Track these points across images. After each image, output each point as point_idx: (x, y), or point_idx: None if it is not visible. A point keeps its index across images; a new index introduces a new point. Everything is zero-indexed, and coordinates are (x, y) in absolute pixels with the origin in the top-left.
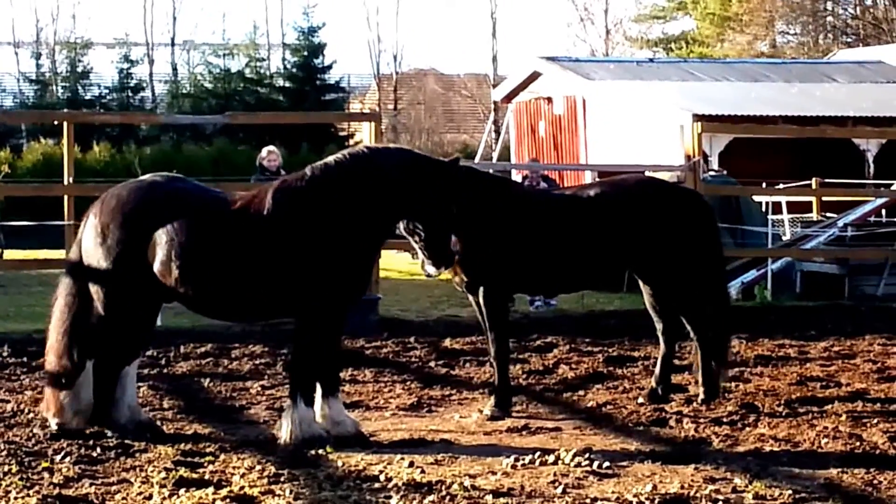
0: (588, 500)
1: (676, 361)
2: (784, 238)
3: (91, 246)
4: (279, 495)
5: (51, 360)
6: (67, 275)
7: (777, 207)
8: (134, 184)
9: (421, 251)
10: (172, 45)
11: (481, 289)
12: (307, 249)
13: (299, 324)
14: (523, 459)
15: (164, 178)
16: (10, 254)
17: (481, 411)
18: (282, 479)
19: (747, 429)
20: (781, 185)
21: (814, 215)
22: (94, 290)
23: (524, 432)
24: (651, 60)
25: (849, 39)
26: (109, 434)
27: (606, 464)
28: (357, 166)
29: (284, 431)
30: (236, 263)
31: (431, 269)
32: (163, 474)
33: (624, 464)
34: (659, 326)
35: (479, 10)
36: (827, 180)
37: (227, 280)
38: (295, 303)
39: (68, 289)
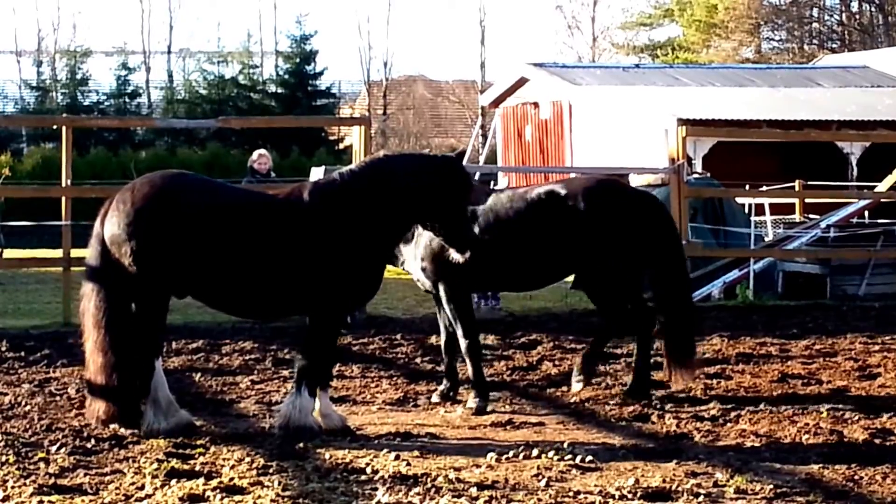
0: (571, 494)
1: (659, 359)
2: (767, 239)
3: (119, 232)
4: (268, 486)
5: (96, 360)
6: (93, 274)
7: (760, 209)
8: (164, 172)
9: (444, 243)
10: (169, 52)
11: (442, 286)
12: (334, 249)
13: (316, 319)
14: (507, 453)
15: (190, 173)
16: (9, 253)
17: (465, 405)
18: (270, 470)
19: (729, 425)
20: (765, 188)
21: (797, 217)
22: (126, 278)
23: (508, 427)
24: (637, 66)
25: (834, 45)
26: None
27: (589, 458)
28: (377, 172)
29: (282, 415)
30: (265, 258)
31: (458, 256)
32: (155, 465)
33: (606, 458)
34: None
35: (468, 17)
36: (810, 182)
37: (254, 272)
38: (315, 300)
39: (96, 287)
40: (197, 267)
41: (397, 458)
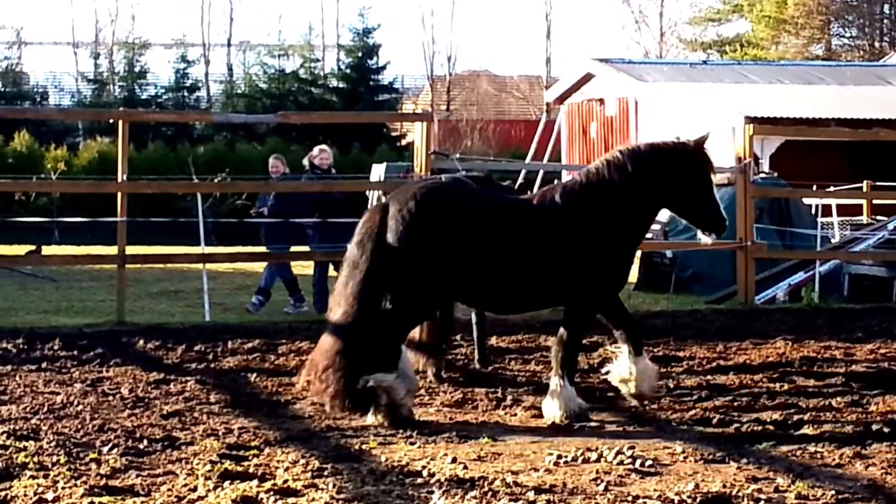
0: (630, 498)
1: (722, 362)
2: (833, 241)
3: (404, 238)
4: (322, 489)
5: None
6: (363, 272)
7: (827, 210)
8: (437, 181)
9: (694, 226)
10: (228, 45)
11: None
12: (588, 245)
13: (577, 310)
14: (566, 456)
15: (457, 182)
16: (64, 249)
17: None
18: (325, 473)
19: (791, 429)
20: (832, 188)
21: (864, 218)
22: (398, 280)
23: (567, 430)
24: (705, 62)
25: None
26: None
27: (649, 462)
28: (618, 169)
29: (557, 408)
30: (533, 258)
31: (707, 239)
32: (208, 467)
33: (666, 462)
34: None
35: (534, 11)
36: (878, 183)
37: (524, 272)
38: (575, 293)
39: (363, 285)
40: (473, 270)
41: (454, 461)
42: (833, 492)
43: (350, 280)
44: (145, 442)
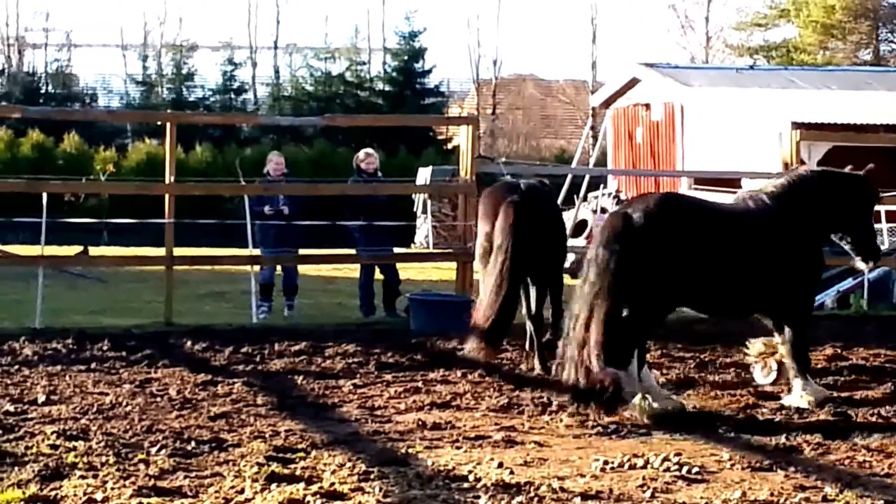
0: None
1: None
2: (882, 247)
3: (641, 242)
4: (368, 492)
5: (587, 338)
6: (612, 272)
7: (876, 216)
8: (662, 193)
9: (851, 252)
10: (275, 48)
11: None
12: (804, 252)
13: (791, 314)
14: (612, 463)
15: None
16: (112, 250)
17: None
18: (372, 476)
19: (839, 438)
20: (881, 194)
21: None
22: (640, 283)
23: (614, 436)
24: (751, 68)
25: None
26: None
27: (696, 469)
28: (811, 187)
29: (805, 401)
30: (754, 262)
31: (862, 265)
32: (255, 469)
33: (713, 469)
34: None
35: (579, 16)
36: None
37: (746, 276)
38: (786, 299)
39: (613, 282)
40: (708, 273)
41: (500, 465)
42: (882, 501)
43: (602, 279)
44: (193, 443)
